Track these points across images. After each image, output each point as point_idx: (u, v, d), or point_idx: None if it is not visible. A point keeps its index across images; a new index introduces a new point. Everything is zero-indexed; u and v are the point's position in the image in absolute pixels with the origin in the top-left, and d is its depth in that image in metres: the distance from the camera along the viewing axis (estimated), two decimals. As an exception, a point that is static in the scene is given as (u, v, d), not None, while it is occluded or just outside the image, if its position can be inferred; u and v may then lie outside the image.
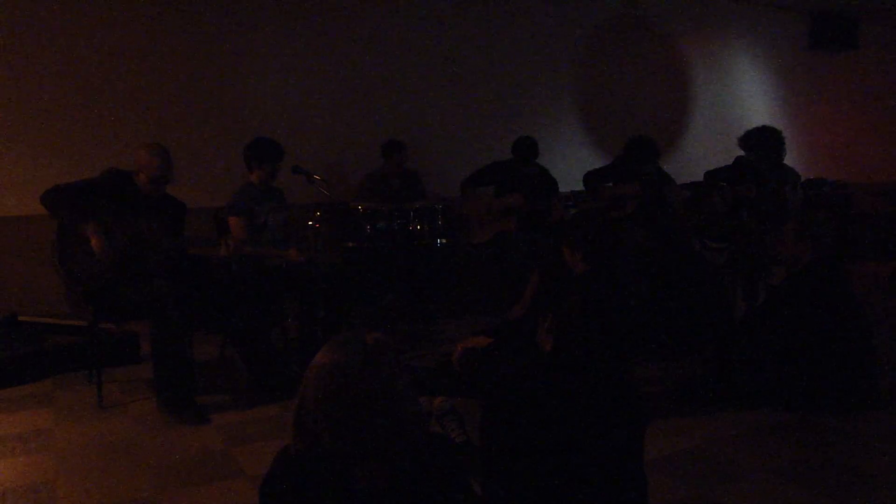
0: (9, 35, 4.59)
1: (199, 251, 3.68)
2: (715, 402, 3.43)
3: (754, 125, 5.23)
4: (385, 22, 5.90)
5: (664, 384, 3.71)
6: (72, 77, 4.79)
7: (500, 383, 2.11)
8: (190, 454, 3.01)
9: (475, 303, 5.49)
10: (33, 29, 4.66)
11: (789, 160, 5.35)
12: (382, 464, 1.42)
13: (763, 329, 3.54)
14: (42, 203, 3.39)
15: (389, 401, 1.43)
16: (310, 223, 4.61)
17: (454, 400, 2.89)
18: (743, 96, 8.08)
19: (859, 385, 3.37)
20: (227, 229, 4.11)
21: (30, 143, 4.68)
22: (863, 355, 3.41)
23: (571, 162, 6.57)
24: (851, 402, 3.33)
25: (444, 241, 4.86)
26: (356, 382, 1.42)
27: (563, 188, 5.75)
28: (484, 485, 1.95)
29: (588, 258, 3.32)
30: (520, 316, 3.87)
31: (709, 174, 5.30)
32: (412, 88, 6.05)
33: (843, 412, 3.30)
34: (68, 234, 3.42)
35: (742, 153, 5.22)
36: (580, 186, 5.60)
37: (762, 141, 5.00)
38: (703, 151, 7.43)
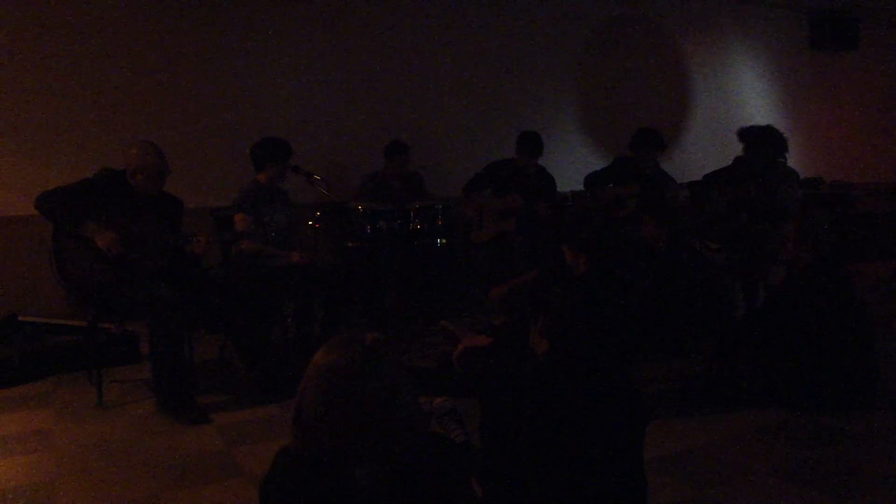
0: (8, 35, 4.60)
1: (178, 244, 3.66)
2: (715, 402, 3.43)
3: (754, 125, 5.22)
4: (386, 22, 5.90)
5: (664, 384, 3.71)
6: (71, 77, 4.79)
7: (500, 383, 2.11)
8: (190, 454, 3.00)
9: (475, 303, 5.49)
10: (33, 29, 4.66)
11: (789, 160, 5.34)
12: (382, 464, 1.42)
13: (763, 329, 3.54)
14: (37, 208, 3.38)
15: (389, 401, 1.43)
16: (310, 223, 4.62)
17: (454, 400, 2.89)
18: (743, 96, 8.08)
19: (859, 385, 3.37)
20: (227, 228, 4.10)
21: (29, 142, 4.68)
22: (863, 355, 3.40)
23: (571, 162, 6.57)
24: (851, 402, 3.33)
25: (444, 241, 4.86)
26: (356, 382, 1.42)
27: (563, 188, 5.76)
28: (484, 485, 1.95)
29: (592, 259, 3.32)
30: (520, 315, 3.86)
31: (707, 177, 5.30)
32: (413, 88, 6.05)
33: (843, 412, 3.29)
34: (64, 238, 3.41)
35: (741, 153, 5.21)
36: (580, 186, 5.60)
37: (762, 140, 4.99)
38: (702, 151, 7.43)
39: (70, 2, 4.76)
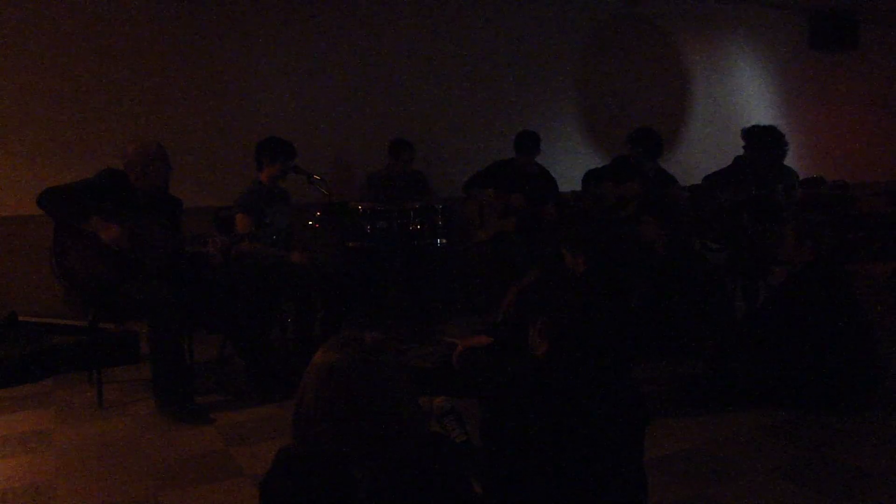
0: (7, 35, 4.59)
1: (191, 249, 3.67)
2: (715, 402, 3.43)
3: (756, 124, 5.22)
4: (386, 22, 5.90)
5: (664, 384, 3.71)
6: (71, 77, 4.78)
7: (501, 383, 2.11)
8: (190, 454, 3.01)
9: (475, 303, 5.49)
10: (32, 28, 4.66)
11: (789, 160, 5.35)
12: (382, 464, 1.42)
13: (763, 329, 3.54)
14: (39, 205, 3.38)
15: (389, 401, 1.43)
16: (310, 223, 4.62)
17: (454, 400, 2.89)
18: (743, 96, 8.08)
19: (859, 385, 3.37)
20: (228, 228, 4.10)
21: (29, 142, 4.67)
22: (863, 355, 3.41)
23: (572, 162, 6.57)
24: (851, 402, 3.33)
25: (444, 241, 4.86)
26: (356, 382, 1.42)
27: (563, 188, 5.76)
28: (484, 485, 1.95)
29: (590, 260, 3.32)
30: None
31: (707, 178, 5.30)
32: (414, 88, 6.05)
33: (843, 412, 3.30)
34: (65, 236, 3.41)
35: (741, 152, 5.22)
36: (580, 186, 5.60)
37: (765, 140, 5.00)
38: (702, 151, 7.43)
39: (70, 2, 4.76)
